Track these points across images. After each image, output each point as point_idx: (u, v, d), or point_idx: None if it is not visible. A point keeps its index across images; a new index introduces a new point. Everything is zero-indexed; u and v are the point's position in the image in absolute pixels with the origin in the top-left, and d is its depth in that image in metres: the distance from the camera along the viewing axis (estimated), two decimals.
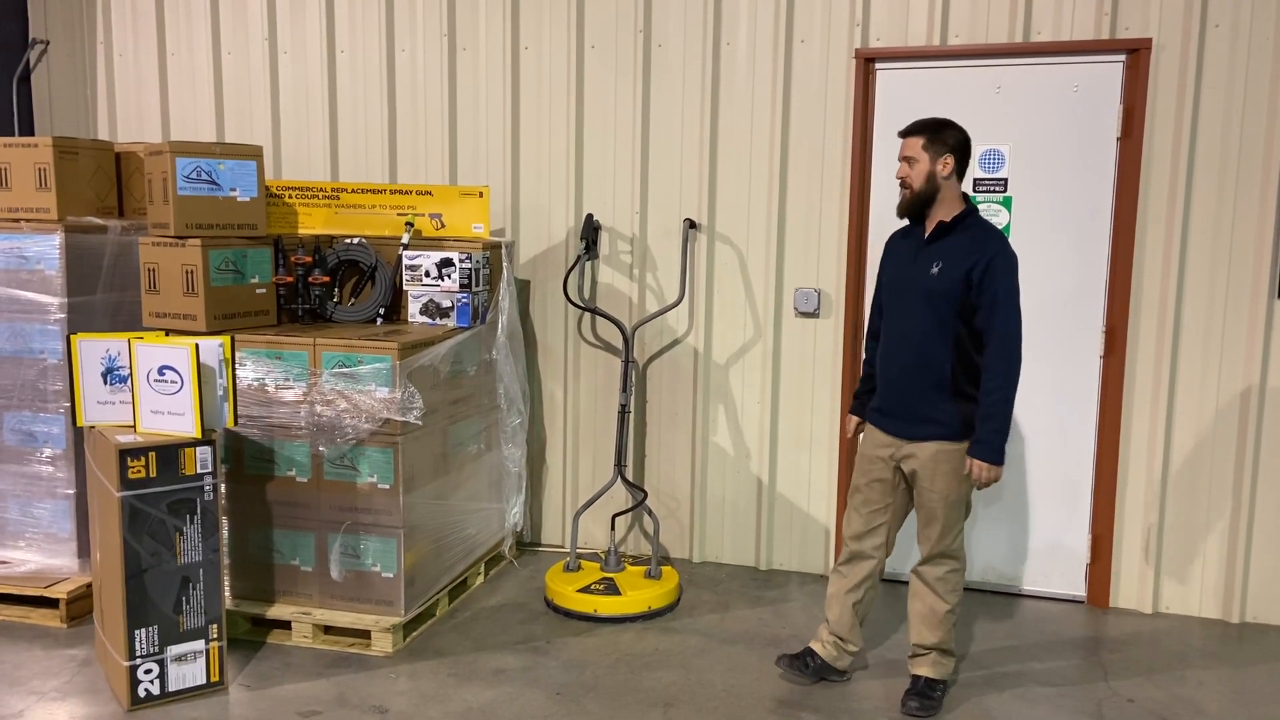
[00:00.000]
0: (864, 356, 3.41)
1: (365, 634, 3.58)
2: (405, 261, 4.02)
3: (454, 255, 3.96)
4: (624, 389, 4.22)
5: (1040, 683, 3.40)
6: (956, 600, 3.17)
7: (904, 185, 3.06)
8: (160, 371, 3.14)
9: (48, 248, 3.73)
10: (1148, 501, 3.99)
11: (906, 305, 3.09)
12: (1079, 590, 4.13)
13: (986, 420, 2.94)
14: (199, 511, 3.15)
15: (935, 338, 3.01)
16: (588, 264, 4.49)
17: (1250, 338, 3.83)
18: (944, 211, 3.04)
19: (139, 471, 3.04)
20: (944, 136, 3.00)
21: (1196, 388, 3.90)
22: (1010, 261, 2.94)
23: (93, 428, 3.29)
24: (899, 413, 3.11)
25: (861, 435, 3.31)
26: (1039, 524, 4.15)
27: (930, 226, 3.07)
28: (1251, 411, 3.85)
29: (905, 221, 3.18)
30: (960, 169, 3.03)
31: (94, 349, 3.29)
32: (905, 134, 3.07)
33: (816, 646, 3.35)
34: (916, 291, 3.05)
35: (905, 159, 3.04)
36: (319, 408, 3.53)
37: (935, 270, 3.00)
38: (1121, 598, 4.06)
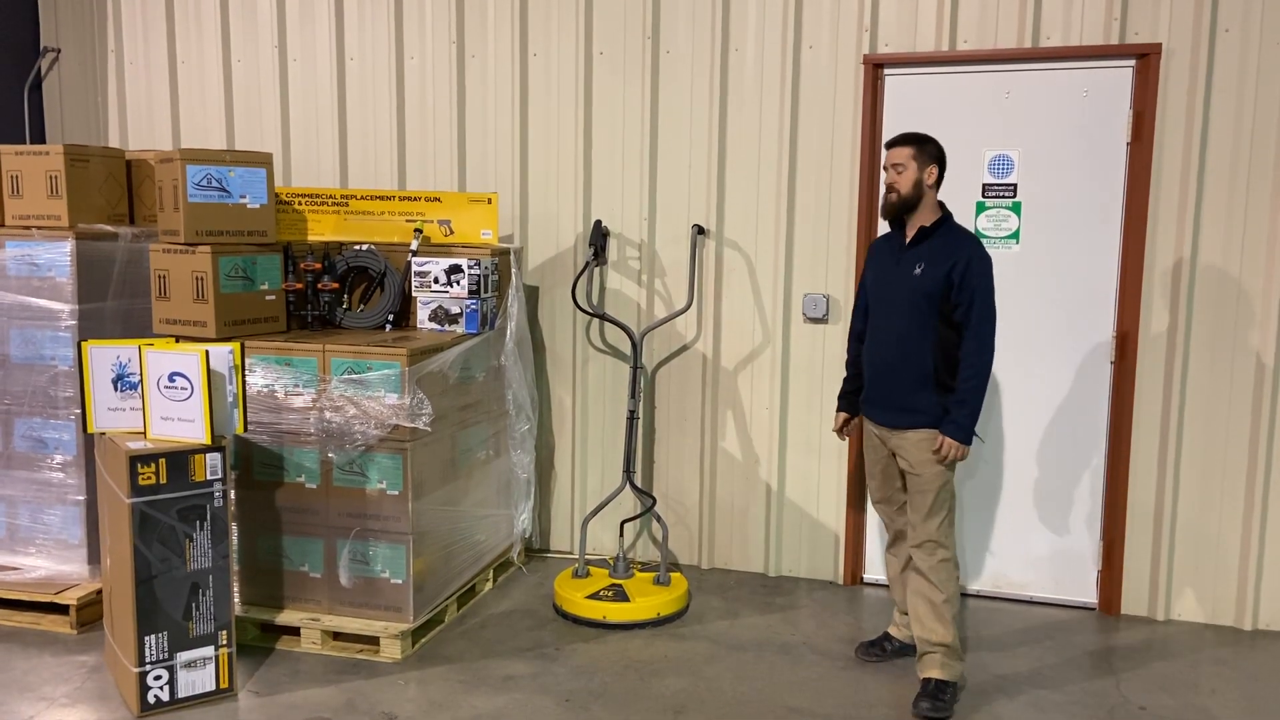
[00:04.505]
0: (846, 358, 3.64)
1: (374, 640, 3.58)
2: (414, 268, 4.03)
3: (463, 261, 3.97)
4: (632, 395, 4.21)
5: (1052, 690, 3.38)
6: (952, 592, 3.25)
7: (891, 190, 3.26)
8: (170, 378, 3.15)
9: (59, 255, 3.75)
10: (1158, 508, 3.97)
11: (891, 304, 3.29)
12: (1090, 597, 4.11)
13: (961, 404, 3.16)
14: (209, 518, 3.15)
15: (917, 334, 3.22)
16: (596, 270, 4.49)
17: (1262, 343, 3.81)
18: (924, 217, 3.26)
19: (149, 478, 3.05)
20: (929, 149, 3.23)
21: (1207, 393, 3.88)
22: (985, 262, 3.17)
23: (103, 434, 3.30)
24: (885, 404, 3.33)
25: (864, 425, 3.50)
26: (1049, 531, 4.13)
27: (911, 231, 3.28)
28: (1263, 417, 3.83)
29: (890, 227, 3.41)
30: (940, 179, 3.25)
31: (104, 356, 3.30)
32: (893, 144, 3.27)
33: (892, 630, 3.62)
34: (900, 291, 3.25)
35: (894, 166, 3.24)
36: (328, 414, 3.54)
37: (918, 271, 3.21)
38: (1132, 605, 4.04)
